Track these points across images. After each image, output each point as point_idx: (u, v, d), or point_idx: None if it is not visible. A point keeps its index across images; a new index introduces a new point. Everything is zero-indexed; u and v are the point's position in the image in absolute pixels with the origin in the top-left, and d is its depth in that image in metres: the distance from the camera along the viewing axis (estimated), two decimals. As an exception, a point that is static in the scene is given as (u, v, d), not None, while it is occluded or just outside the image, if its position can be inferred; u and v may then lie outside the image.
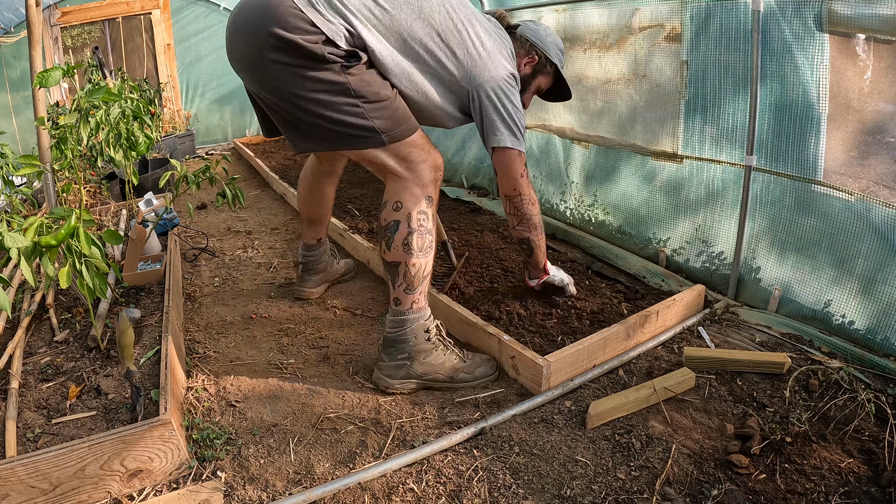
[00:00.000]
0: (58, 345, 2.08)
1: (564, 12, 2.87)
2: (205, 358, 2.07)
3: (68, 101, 5.26)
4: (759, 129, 2.06)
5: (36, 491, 1.36)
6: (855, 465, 1.44)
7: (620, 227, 2.82)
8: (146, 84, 6.63)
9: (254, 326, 2.29)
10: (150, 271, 2.55)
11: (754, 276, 2.22)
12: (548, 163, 3.30)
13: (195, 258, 3.07)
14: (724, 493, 1.36)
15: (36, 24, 2.69)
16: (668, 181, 2.50)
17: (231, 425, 1.70)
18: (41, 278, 2.47)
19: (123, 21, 6.75)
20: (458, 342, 2.05)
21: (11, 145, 4.83)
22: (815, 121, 1.89)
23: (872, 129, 1.83)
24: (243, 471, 1.53)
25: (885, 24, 1.66)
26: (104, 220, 3.46)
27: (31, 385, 1.84)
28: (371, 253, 2.77)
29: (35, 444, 1.57)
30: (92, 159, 3.35)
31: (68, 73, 2.24)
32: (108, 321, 2.17)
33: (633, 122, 2.63)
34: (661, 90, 2.43)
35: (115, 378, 1.85)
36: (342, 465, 1.54)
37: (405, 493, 1.43)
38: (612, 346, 1.93)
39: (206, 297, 2.58)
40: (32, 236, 1.62)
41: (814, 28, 1.82)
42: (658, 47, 2.40)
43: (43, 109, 2.64)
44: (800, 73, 1.89)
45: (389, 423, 1.69)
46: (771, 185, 2.09)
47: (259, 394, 1.85)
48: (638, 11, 2.45)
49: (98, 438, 1.40)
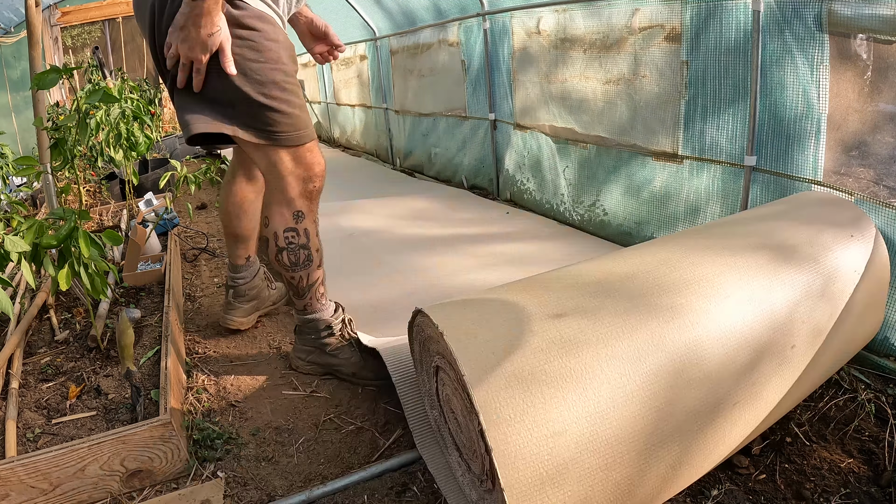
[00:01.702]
0: (58, 345, 2.08)
1: (564, 12, 2.87)
2: (205, 358, 2.07)
3: (68, 102, 5.26)
4: (759, 129, 2.06)
5: (36, 491, 1.36)
6: (855, 465, 1.44)
7: (621, 228, 2.82)
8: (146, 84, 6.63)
9: (254, 326, 2.29)
10: (150, 271, 2.55)
11: (754, 276, 2.22)
12: (547, 163, 3.30)
13: (195, 258, 3.07)
14: (724, 493, 1.36)
15: (36, 25, 2.69)
16: (668, 181, 2.50)
17: (231, 425, 1.70)
18: (44, 278, 2.47)
19: (123, 21, 6.75)
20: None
21: (11, 145, 4.83)
22: (814, 121, 1.89)
23: (872, 129, 1.83)
24: (243, 471, 1.53)
25: (885, 24, 1.66)
26: (104, 220, 3.46)
27: (31, 385, 1.84)
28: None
29: (35, 445, 1.57)
30: (92, 159, 3.36)
31: (67, 74, 2.24)
32: (108, 321, 2.17)
33: (633, 123, 2.63)
34: (661, 90, 2.43)
35: (115, 378, 1.85)
36: (343, 464, 1.54)
37: (406, 493, 1.43)
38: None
39: (205, 297, 2.58)
40: (32, 238, 1.63)
41: (814, 28, 1.82)
42: (658, 48, 2.40)
43: (42, 110, 2.64)
44: (800, 73, 1.89)
45: (391, 424, 1.69)
46: (771, 186, 2.09)
47: (259, 394, 1.85)
48: (638, 12, 2.45)
49: (98, 438, 1.40)
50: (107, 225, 3.37)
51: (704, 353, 1.12)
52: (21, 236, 1.61)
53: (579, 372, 1.04)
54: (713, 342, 1.13)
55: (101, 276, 1.80)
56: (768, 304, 1.22)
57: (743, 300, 1.20)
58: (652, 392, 1.06)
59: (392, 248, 2.97)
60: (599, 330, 1.10)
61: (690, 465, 1.15)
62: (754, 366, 1.17)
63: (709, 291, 1.20)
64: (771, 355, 1.20)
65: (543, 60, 3.12)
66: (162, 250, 2.87)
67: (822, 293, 1.30)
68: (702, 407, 1.11)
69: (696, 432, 1.12)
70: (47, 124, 2.72)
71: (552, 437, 0.98)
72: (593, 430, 1.01)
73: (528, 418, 0.98)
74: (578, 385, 1.03)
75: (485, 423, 0.96)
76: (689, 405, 1.09)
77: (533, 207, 3.51)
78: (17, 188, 4.07)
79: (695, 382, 1.10)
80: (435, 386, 1.39)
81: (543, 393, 1.00)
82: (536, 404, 0.99)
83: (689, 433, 1.11)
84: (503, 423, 0.97)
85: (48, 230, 1.69)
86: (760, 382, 1.19)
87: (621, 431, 1.03)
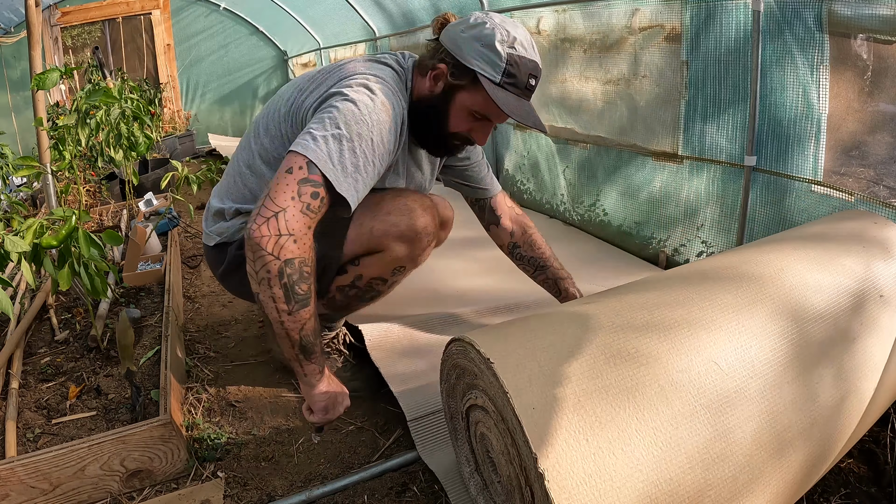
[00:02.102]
0: (58, 345, 2.08)
1: (564, 13, 2.87)
2: (205, 358, 2.07)
3: (68, 102, 5.26)
4: (759, 129, 2.06)
5: (36, 491, 1.36)
6: (855, 465, 1.44)
7: (620, 228, 2.82)
8: (146, 84, 6.63)
9: (254, 326, 2.29)
10: (150, 271, 2.55)
11: (754, 276, 2.22)
12: (546, 164, 3.30)
13: (194, 256, 3.07)
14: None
15: (36, 25, 2.69)
16: (667, 181, 2.51)
17: (231, 425, 1.70)
18: (44, 278, 2.47)
19: (123, 21, 6.75)
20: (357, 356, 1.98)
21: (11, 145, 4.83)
22: (814, 121, 1.89)
23: (872, 130, 1.83)
24: (243, 471, 1.53)
25: (885, 24, 1.66)
26: (104, 220, 3.46)
27: (31, 385, 1.84)
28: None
29: (35, 445, 1.57)
30: (92, 159, 3.36)
31: (67, 75, 2.24)
32: (108, 321, 2.17)
33: (634, 123, 2.63)
34: (661, 91, 2.43)
35: (115, 378, 1.85)
36: (343, 465, 1.54)
37: (406, 493, 1.43)
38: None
39: (205, 298, 2.58)
40: (31, 239, 1.63)
41: (814, 28, 1.82)
42: (658, 48, 2.40)
43: (42, 110, 2.64)
44: (800, 73, 1.89)
45: (391, 424, 1.69)
46: (771, 186, 2.09)
47: (259, 394, 1.85)
48: (638, 12, 2.45)
49: (98, 438, 1.40)
50: (107, 225, 3.37)
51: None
52: (21, 236, 1.61)
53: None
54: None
55: (101, 276, 1.80)
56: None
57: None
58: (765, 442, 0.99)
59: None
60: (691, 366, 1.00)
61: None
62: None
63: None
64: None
65: (543, 60, 3.12)
66: (162, 250, 2.87)
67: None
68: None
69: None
70: (47, 124, 2.73)
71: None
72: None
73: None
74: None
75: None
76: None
77: (532, 207, 3.51)
78: (17, 188, 4.07)
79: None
80: (464, 410, 1.24)
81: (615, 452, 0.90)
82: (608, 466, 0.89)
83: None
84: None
85: (48, 230, 1.69)
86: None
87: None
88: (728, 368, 1.01)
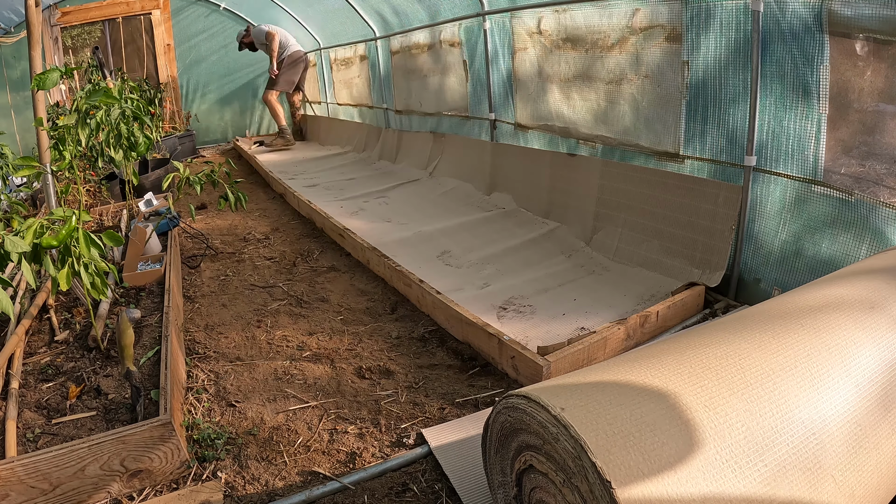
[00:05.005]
0: (58, 345, 2.08)
1: (565, 13, 2.87)
2: (205, 358, 2.06)
3: (68, 102, 5.26)
4: (759, 129, 2.06)
5: (36, 491, 1.36)
6: (855, 465, 1.44)
7: (620, 228, 2.81)
8: (146, 84, 6.62)
9: (253, 327, 2.29)
10: (150, 271, 2.55)
11: (754, 276, 2.22)
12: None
13: (194, 257, 3.06)
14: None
15: (36, 25, 2.69)
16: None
17: (231, 425, 1.70)
18: (44, 278, 2.47)
19: (123, 21, 6.75)
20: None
21: (11, 145, 4.83)
22: (814, 121, 1.89)
23: (872, 129, 1.83)
24: (243, 471, 1.52)
25: (885, 24, 1.66)
26: (104, 220, 3.46)
27: (32, 385, 1.84)
28: (371, 253, 2.77)
29: (35, 445, 1.57)
30: (92, 159, 3.35)
31: (67, 75, 2.24)
32: (108, 321, 2.17)
33: (636, 123, 2.63)
34: (662, 91, 2.43)
35: (115, 378, 1.85)
36: (342, 464, 1.54)
37: (406, 493, 1.43)
38: (611, 345, 1.93)
39: (205, 298, 2.58)
40: (31, 239, 1.63)
41: (814, 28, 1.82)
42: (658, 48, 2.40)
43: (42, 110, 2.64)
44: (800, 73, 1.89)
45: (390, 424, 1.69)
46: (771, 186, 2.09)
47: (259, 394, 1.85)
48: (638, 12, 2.45)
49: (98, 439, 1.40)
50: (107, 225, 3.37)
51: None
52: (21, 236, 1.61)
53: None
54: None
55: (101, 277, 1.80)
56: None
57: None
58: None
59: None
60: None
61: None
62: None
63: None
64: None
65: (544, 60, 3.12)
66: (162, 250, 2.87)
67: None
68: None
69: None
70: (47, 124, 2.72)
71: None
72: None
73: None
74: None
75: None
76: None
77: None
78: (17, 188, 4.07)
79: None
80: (514, 473, 1.15)
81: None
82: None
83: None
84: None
85: (48, 230, 1.69)
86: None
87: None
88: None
